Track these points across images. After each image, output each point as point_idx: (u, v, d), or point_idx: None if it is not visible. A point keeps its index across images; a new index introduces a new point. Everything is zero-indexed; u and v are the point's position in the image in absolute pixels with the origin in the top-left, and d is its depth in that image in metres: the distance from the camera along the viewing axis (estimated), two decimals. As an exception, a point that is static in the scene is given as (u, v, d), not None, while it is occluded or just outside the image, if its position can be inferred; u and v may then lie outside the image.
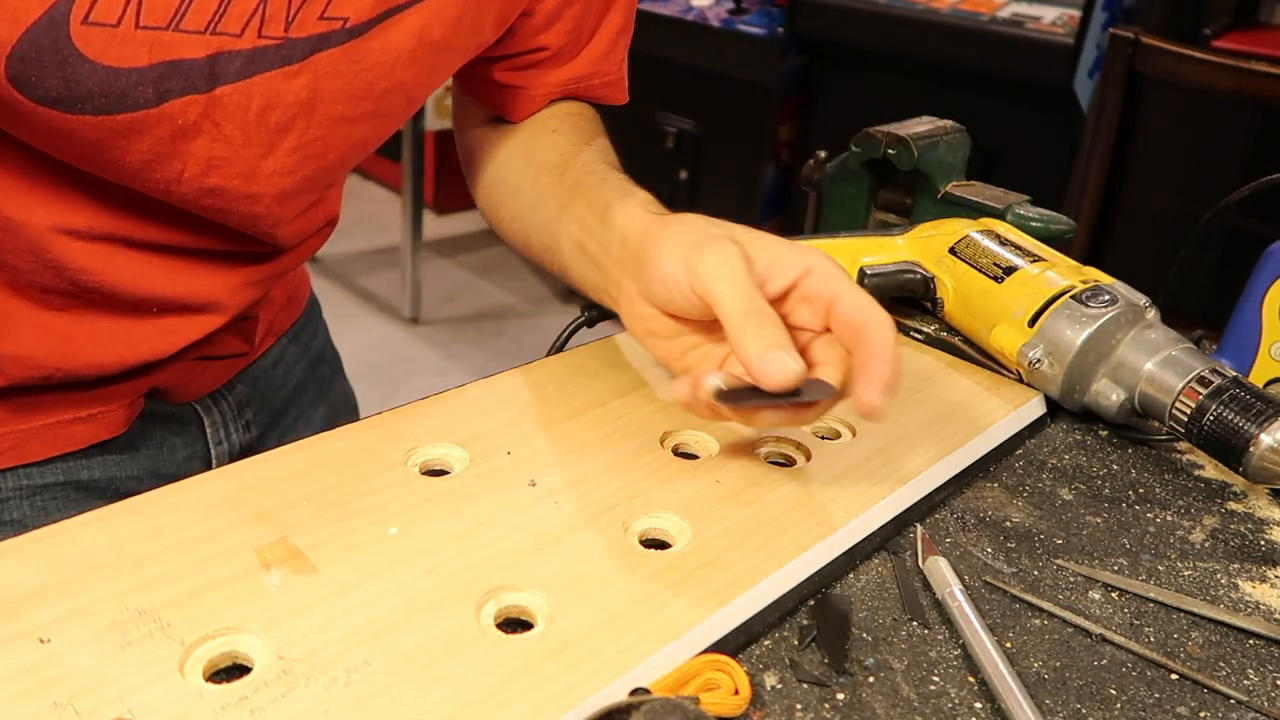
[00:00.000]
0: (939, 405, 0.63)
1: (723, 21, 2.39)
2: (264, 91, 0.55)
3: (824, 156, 0.86)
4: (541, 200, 0.67)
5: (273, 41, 0.53)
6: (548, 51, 0.71)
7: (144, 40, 0.49)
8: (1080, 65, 1.92)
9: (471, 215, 3.55)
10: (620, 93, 0.77)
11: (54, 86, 0.49)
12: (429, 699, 0.38)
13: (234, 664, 0.40)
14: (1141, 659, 0.46)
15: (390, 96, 0.61)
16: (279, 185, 0.59)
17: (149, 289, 0.61)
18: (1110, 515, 0.57)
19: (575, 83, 0.73)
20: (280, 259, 0.68)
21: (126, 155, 0.53)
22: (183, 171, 0.55)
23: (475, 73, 0.73)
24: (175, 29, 0.49)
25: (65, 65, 0.48)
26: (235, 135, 0.55)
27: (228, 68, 0.52)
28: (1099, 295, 0.62)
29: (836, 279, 0.50)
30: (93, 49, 0.48)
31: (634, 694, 0.39)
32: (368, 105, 0.60)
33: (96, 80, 0.49)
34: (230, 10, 0.50)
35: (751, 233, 0.53)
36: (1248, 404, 0.56)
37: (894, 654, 0.45)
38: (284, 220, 0.63)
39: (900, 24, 2.13)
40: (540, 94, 0.73)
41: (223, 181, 0.57)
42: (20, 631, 0.39)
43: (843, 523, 0.51)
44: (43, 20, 0.47)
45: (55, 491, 0.64)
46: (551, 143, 0.71)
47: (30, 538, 0.44)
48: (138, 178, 0.55)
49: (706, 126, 2.51)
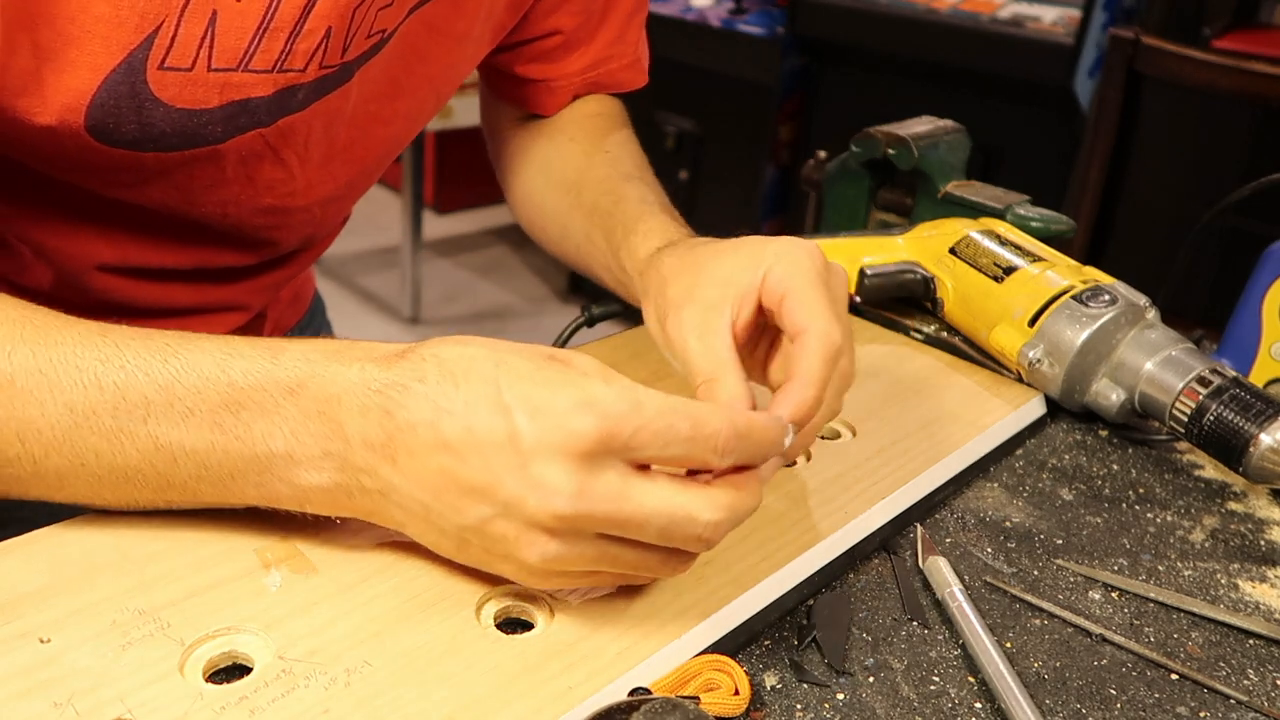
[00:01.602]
0: (939, 405, 0.63)
1: (723, 21, 2.39)
2: (322, 114, 0.56)
3: (824, 156, 0.86)
4: (567, 228, 0.69)
5: (331, 70, 0.54)
6: (561, 36, 0.72)
7: (215, 82, 0.50)
8: (1080, 65, 1.92)
9: (471, 215, 3.55)
10: (639, 74, 0.78)
11: (129, 131, 0.49)
12: (429, 699, 0.38)
13: (234, 664, 0.40)
14: (1141, 659, 0.46)
15: (418, 92, 0.62)
16: (325, 193, 0.61)
17: (175, 302, 0.63)
18: (1110, 515, 0.57)
19: (594, 68, 0.74)
20: (302, 257, 0.70)
21: (189, 181, 0.54)
22: (239, 194, 0.57)
23: (497, 68, 0.74)
24: (245, 69, 0.50)
25: (141, 110, 0.49)
26: (292, 159, 0.57)
27: (292, 100, 0.53)
28: (1099, 295, 0.62)
29: (784, 282, 0.48)
30: (167, 93, 0.49)
31: (634, 694, 0.39)
32: (400, 104, 0.61)
33: (170, 122, 0.50)
34: (295, 49, 0.51)
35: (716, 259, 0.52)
36: (1248, 404, 0.56)
37: (894, 654, 0.45)
38: (326, 224, 0.65)
39: (900, 24, 2.13)
40: (563, 85, 0.74)
41: (276, 201, 0.58)
42: (20, 631, 0.39)
43: (843, 523, 0.51)
44: (121, 67, 0.47)
45: None
46: (568, 154, 0.72)
47: (30, 538, 0.44)
48: (195, 204, 0.56)
49: (706, 126, 2.50)
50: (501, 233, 3.43)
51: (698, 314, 0.50)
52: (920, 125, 0.77)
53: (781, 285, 0.48)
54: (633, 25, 0.76)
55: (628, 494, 0.38)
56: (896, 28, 2.14)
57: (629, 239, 0.60)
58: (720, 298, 0.49)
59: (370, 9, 0.53)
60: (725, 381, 0.47)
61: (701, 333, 0.49)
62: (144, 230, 0.58)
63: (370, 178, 0.65)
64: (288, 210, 0.60)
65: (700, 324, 0.49)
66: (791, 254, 0.49)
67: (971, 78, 2.07)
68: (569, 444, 0.37)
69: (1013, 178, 0.94)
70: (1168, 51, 1.38)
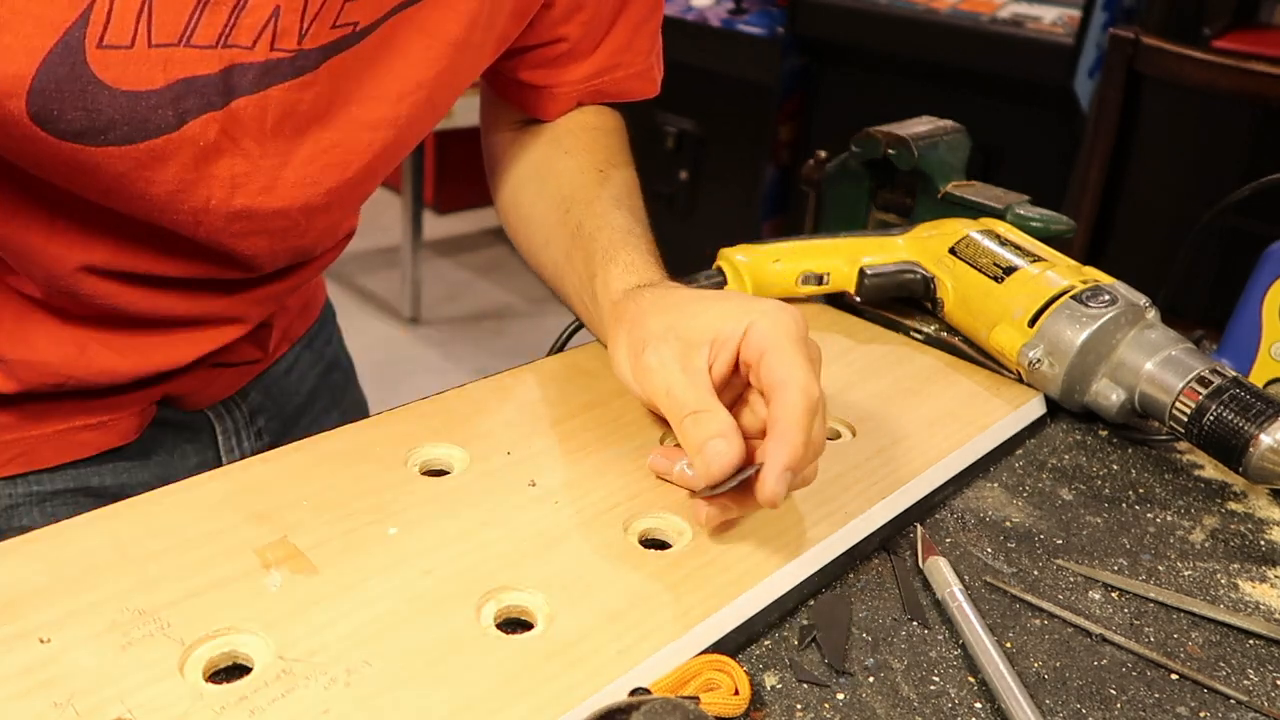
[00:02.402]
0: (939, 405, 0.63)
1: (723, 21, 2.39)
2: (279, 102, 0.54)
3: (824, 156, 0.86)
4: (550, 240, 0.68)
5: (286, 54, 0.53)
6: (567, 44, 0.70)
7: (158, 59, 0.49)
8: (1080, 65, 1.92)
9: (471, 215, 3.55)
10: (649, 85, 0.77)
11: (76, 119, 0.48)
12: (429, 699, 0.38)
13: (234, 664, 0.40)
14: (1141, 659, 0.46)
15: (410, 100, 0.60)
16: (304, 197, 0.59)
17: (171, 311, 0.62)
18: (1110, 515, 0.57)
19: (598, 76, 0.73)
20: (300, 271, 0.68)
21: (152, 186, 0.53)
22: (209, 198, 0.55)
23: (500, 71, 0.73)
24: (187, 44, 0.49)
25: (85, 94, 0.48)
26: (253, 148, 0.55)
27: (241, 80, 0.52)
28: (1099, 295, 0.62)
29: (768, 338, 0.48)
30: (110, 74, 0.48)
31: (634, 694, 0.39)
32: (386, 109, 0.59)
33: (117, 107, 0.49)
34: (240, 23, 0.50)
35: (700, 303, 0.52)
36: (1248, 404, 0.56)
37: (894, 654, 0.45)
38: (312, 235, 0.63)
39: (900, 24, 2.13)
40: (566, 92, 0.73)
41: (248, 201, 0.56)
42: (20, 631, 0.39)
43: (843, 523, 0.51)
44: (58, 48, 0.46)
45: (65, 498, 0.64)
46: (563, 169, 0.71)
47: (30, 538, 0.44)
48: (165, 211, 0.55)
49: (707, 126, 2.50)
50: (501, 233, 3.41)
51: (680, 349, 0.50)
52: (920, 125, 0.77)
53: (764, 340, 0.48)
54: (643, 34, 0.74)
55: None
56: (896, 28, 2.14)
57: (608, 268, 0.60)
58: (701, 339, 0.50)
59: None
60: (717, 414, 0.47)
61: (687, 367, 0.49)
62: (126, 237, 0.57)
63: (362, 187, 0.63)
64: (262, 214, 0.58)
65: (683, 358, 0.49)
66: (776, 314, 0.49)
67: (971, 78, 2.08)
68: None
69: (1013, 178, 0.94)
70: (1168, 51, 1.38)
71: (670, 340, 0.51)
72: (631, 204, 0.67)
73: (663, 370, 0.50)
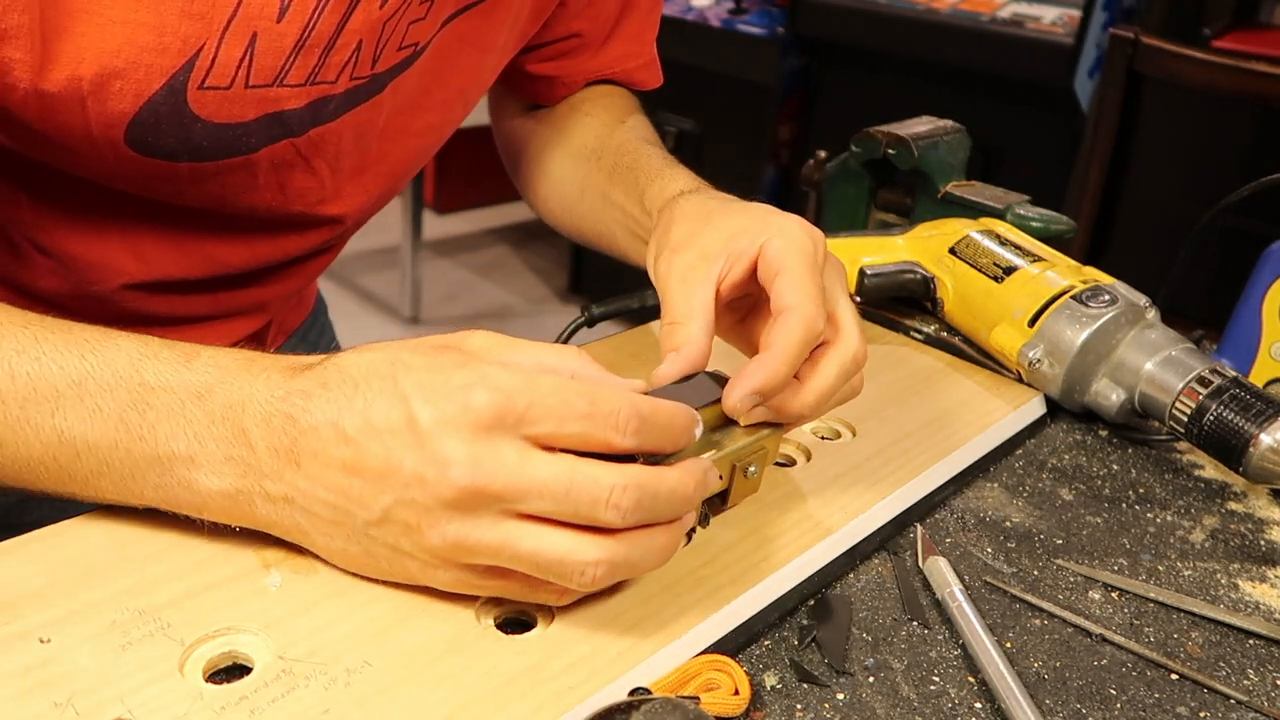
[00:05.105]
0: (939, 405, 0.63)
1: (723, 21, 2.39)
2: (354, 125, 0.57)
3: (824, 156, 0.86)
4: (586, 189, 0.69)
5: (362, 81, 0.55)
6: (580, 38, 0.72)
7: (252, 98, 0.51)
8: (1080, 65, 1.91)
9: (471, 215, 3.55)
10: (653, 75, 0.78)
11: (168, 144, 0.50)
12: (429, 699, 0.38)
13: (234, 664, 0.40)
14: (1141, 659, 0.46)
15: (449, 104, 0.63)
16: (357, 204, 0.62)
17: (193, 311, 0.63)
18: (1110, 515, 0.57)
19: (609, 67, 0.75)
20: (319, 258, 0.70)
21: (223, 190, 0.55)
22: (271, 201, 0.58)
23: (510, 65, 0.74)
24: (280, 85, 0.51)
25: (181, 126, 0.50)
26: (322, 167, 0.58)
27: (324, 110, 0.54)
28: (1099, 295, 0.62)
29: (781, 259, 0.48)
30: (206, 110, 0.50)
31: (634, 694, 0.39)
32: (434, 116, 0.63)
33: (208, 136, 0.51)
34: (328, 62, 0.52)
35: (723, 215, 0.52)
36: (1248, 404, 0.56)
37: (894, 654, 0.45)
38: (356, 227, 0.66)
39: (900, 24, 2.13)
40: (575, 80, 0.75)
41: (306, 209, 0.60)
42: (20, 631, 0.39)
43: (843, 523, 0.51)
44: (163, 90, 0.48)
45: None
46: (586, 126, 0.72)
47: (30, 538, 0.44)
48: (226, 203, 0.57)
49: (706, 126, 2.50)
50: (501, 233, 3.43)
51: (689, 260, 0.50)
52: (920, 125, 0.77)
53: (778, 262, 0.48)
54: (649, 25, 0.76)
55: (525, 463, 0.37)
56: (896, 28, 2.14)
57: (651, 186, 0.61)
58: (716, 251, 0.50)
59: (401, 22, 0.54)
60: (689, 327, 0.47)
61: (685, 278, 0.49)
62: (172, 238, 0.59)
63: (398, 188, 0.66)
64: (316, 219, 0.61)
65: (687, 270, 0.50)
66: (793, 233, 0.49)
67: (971, 78, 2.07)
68: (464, 418, 0.37)
69: (1013, 178, 0.94)
70: (1168, 51, 1.38)
71: (683, 250, 0.51)
72: (659, 144, 0.69)
73: (666, 278, 0.50)
